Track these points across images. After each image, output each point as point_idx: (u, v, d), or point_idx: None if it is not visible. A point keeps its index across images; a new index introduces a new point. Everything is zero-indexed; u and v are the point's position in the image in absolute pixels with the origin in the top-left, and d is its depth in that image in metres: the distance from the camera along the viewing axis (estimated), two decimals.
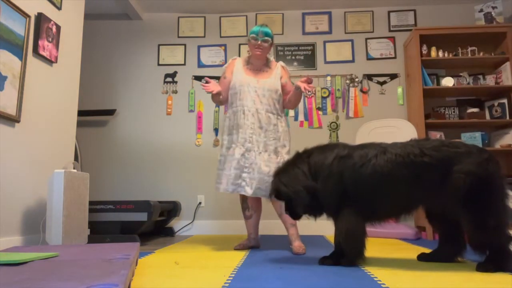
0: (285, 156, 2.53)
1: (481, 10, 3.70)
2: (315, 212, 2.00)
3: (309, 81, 2.44)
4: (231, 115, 2.61)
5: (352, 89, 3.95)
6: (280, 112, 2.65)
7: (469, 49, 3.62)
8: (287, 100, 2.68)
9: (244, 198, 2.63)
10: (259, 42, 2.57)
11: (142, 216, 2.87)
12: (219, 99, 2.69)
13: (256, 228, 2.68)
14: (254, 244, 2.65)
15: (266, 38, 2.58)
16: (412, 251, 2.44)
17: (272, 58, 2.79)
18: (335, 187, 1.89)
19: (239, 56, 4.09)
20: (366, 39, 4.05)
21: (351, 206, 1.89)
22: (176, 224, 3.86)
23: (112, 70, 4.18)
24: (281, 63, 2.73)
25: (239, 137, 2.52)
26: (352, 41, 4.06)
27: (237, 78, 2.63)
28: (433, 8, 4.03)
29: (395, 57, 4.00)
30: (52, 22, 2.62)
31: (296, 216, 2.04)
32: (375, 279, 1.54)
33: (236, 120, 2.56)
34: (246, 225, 2.68)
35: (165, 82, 4.13)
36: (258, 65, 2.68)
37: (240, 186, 2.48)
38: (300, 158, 2.02)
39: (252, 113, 2.54)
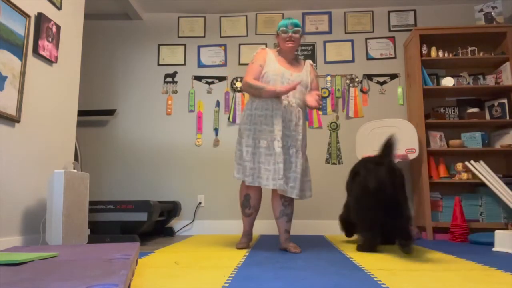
0: (305, 154, 2.56)
1: (481, 10, 3.70)
2: None
3: (318, 100, 2.45)
4: (259, 105, 2.50)
5: (352, 89, 3.95)
6: (305, 108, 2.62)
7: (469, 49, 3.62)
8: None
9: (247, 197, 2.60)
10: (290, 34, 2.53)
11: (142, 216, 2.87)
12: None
13: (252, 225, 2.72)
14: (249, 242, 2.70)
15: (296, 29, 2.54)
16: (412, 251, 2.44)
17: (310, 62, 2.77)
18: None
19: (239, 55, 4.10)
20: (366, 39, 4.05)
21: None
22: (176, 224, 3.86)
23: (112, 70, 4.18)
24: (309, 61, 2.72)
25: (275, 129, 2.43)
26: (352, 41, 4.06)
27: (270, 68, 2.54)
28: (433, 8, 4.03)
29: (395, 57, 4.00)
30: (52, 22, 2.62)
31: None
32: (375, 279, 1.55)
33: (267, 111, 2.48)
34: (244, 221, 2.69)
35: (165, 82, 4.13)
36: (289, 57, 2.63)
37: (285, 183, 2.38)
38: None
39: (284, 105, 2.48)
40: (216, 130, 4.01)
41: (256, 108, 2.51)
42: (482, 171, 3.28)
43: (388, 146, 2.44)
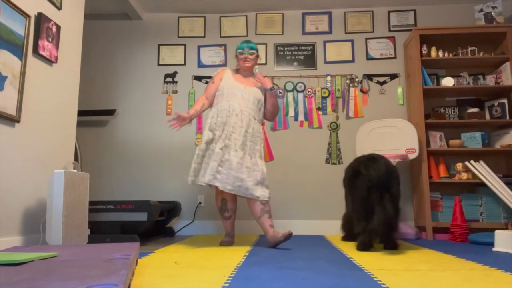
0: (258, 159, 2.74)
1: (481, 10, 3.70)
2: None
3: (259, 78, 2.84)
4: (215, 113, 2.82)
5: (352, 89, 3.95)
6: (260, 120, 2.91)
7: (469, 49, 3.62)
8: (266, 110, 2.97)
9: (224, 201, 2.85)
10: (246, 55, 2.90)
11: (142, 216, 2.87)
12: (201, 110, 2.88)
13: (234, 227, 2.96)
14: (232, 240, 2.91)
15: (251, 51, 2.91)
16: (412, 251, 2.45)
17: (257, 71, 3.10)
18: None
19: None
20: (366, 39, 4.05)
21: None
22: (176, 224, 3.86)
23: (112, 70, 4.18)
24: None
25: (222, 133, 2.72)
26: (352, 41, 4.06)
27: (226, 82, 2.89)
28: (433, 8, 4.03)
29: (395, 57, 4.00)
30: (52, 22, 2.62)
31: None
32: (375, 279, 1.55)
33: (220, 118, 2.76)
34: (224, 224, 2.92)
35: (165, 82, 4.13)
36: (245, 75, 2.97)
37: (215, 178, 2.62)
38: None
39: (236, 113, 2.76)
40: None
41: (212, 117, 2.83)
42: (482, 171, 3.28)
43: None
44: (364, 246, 2.44)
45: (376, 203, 2.41)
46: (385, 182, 2.44)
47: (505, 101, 3.53)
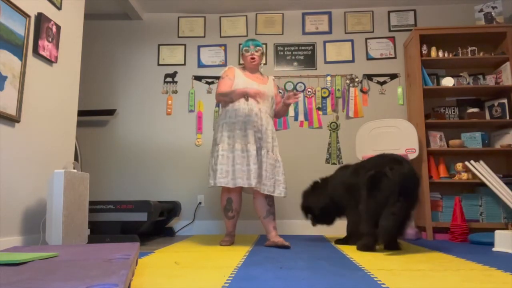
0: (278, 154, 2.82)
1: (481, 10, 3.70)
2: None
3: (295, 94, 2.78)
4: (232, 113, 2.77)
5: (352, 89, 3.95)
6: (272, 117, 2.93)
7: (469, 49, 3.62)
8: (276, 112, 2.99)
9: (229, 201, 2.83)
10: (252, 52, 2.91)
11: (142, 216, 2.87)
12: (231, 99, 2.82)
13: (235, 227, 2.95)
14: (232, 240, 2.90)
15: (258, 48, 2.93)
16: (412, 251, 2.45)
17: (261, 69, 3.10)
18: None
19: (239, 55, 4.10)
20: (366, 39, 4.05)
21: None
22: (176, 224, 3.86)
23: (112, 70, 4.18)
24: (272, 76, 3.08)
25: (248, 134, 2.70)
26: (352, 41, 4.06)
27: (240, 80, 2.87)
28: (433, 8, 4.03)
29: (395, 57, 4.00)
30: (52, 22, 2.62)
31: None
32: (375, 279, 1.55)
33: (241, 118, 2.74)
34: (227, 224, 2.91)
35: (165, 82, 4.13)
36: (253, 72, 2.97)
37: (258, 182, 2.66)
38: None
39: (255, 112, 2.76)
40: None
41: (230, 117, 2.78)
42: (482, 171, 3.28)
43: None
44: (367, 249, 2.42)
45: (392, 208, 2.31)
46: (408, 188, 2.36)
47: (505, 101, 3.53)
